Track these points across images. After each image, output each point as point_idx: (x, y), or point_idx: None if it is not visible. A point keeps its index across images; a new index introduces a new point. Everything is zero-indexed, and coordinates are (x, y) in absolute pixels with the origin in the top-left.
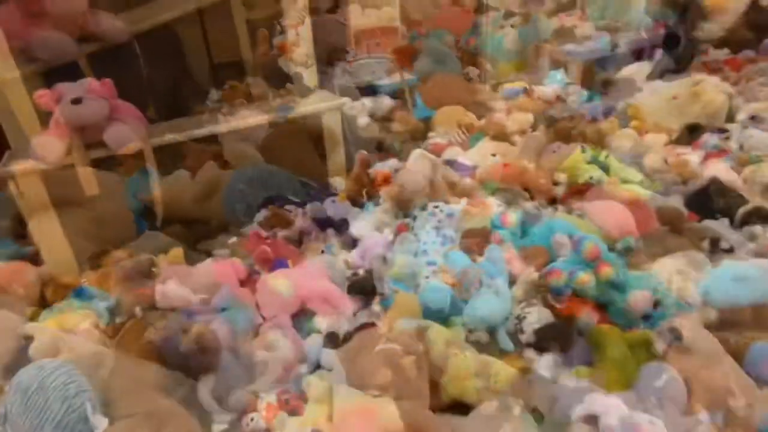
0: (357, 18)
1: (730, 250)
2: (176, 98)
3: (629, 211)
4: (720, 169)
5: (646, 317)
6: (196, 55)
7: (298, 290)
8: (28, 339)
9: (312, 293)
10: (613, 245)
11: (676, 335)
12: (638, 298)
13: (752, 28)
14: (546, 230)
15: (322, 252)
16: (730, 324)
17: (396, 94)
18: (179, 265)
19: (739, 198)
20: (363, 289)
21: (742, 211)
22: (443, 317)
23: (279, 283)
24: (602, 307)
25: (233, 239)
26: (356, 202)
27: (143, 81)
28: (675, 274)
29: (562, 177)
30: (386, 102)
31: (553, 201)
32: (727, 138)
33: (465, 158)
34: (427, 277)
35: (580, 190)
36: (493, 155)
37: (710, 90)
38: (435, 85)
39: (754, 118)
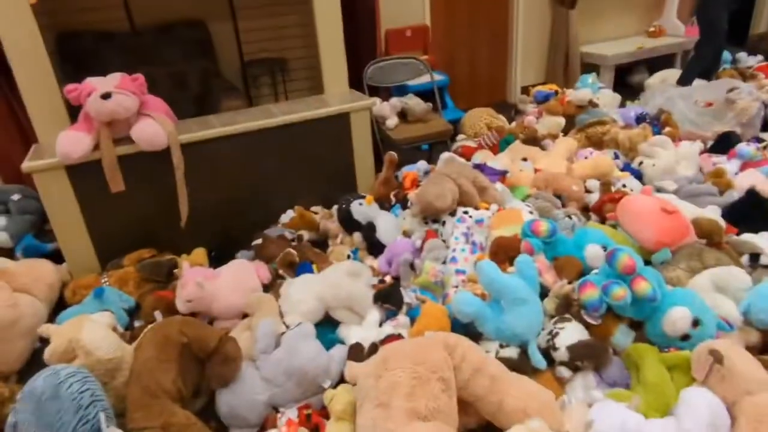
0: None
1: None
2: (205, 94)
3: (665, 222)
4: (757, 180)
5: (685, 337)
6: (226, 51)
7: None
8: (45, 340)
9: (336, 301)
10: (648, 257)
11: (717, 358)
12: (677, 316)
13: None
14: (579, 240)
15: (348, 256)
16: None
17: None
18: (202, 268)
19: None
20: (389, 298)
21: None
22: (473, 330)
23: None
24: (638, 323)
25: (257, 241)
26: (384, 205)
27: None
28: (714, 291)
29: (594, 184)
30: (417, 102)
31: (585, 208)
32: (765, 147)
33: (495, 162)
34: (456, 287)
35: (613, 199)
36: (524, 160)
37: (745, 97)
38: None
39: None
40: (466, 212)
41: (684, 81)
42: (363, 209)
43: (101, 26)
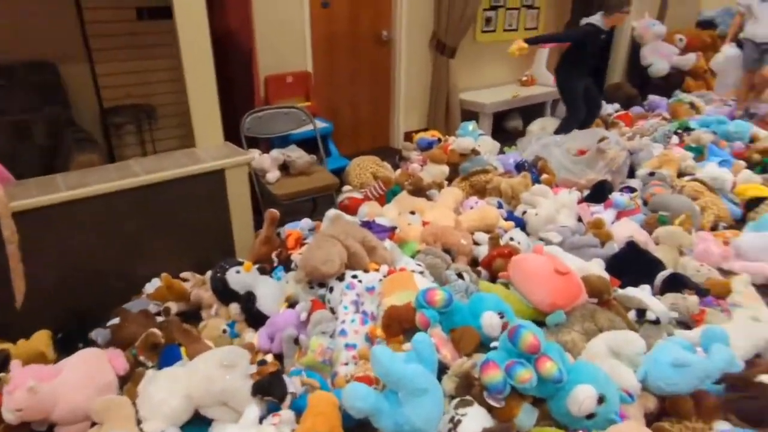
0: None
1: (656, 322)
2: (55, 147)
3: (559, 283)
4: (633, 229)
5: (590, 415)
6: (82, 97)
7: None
8: None
9: (208, 398)
10: (541, 318)
11: None
12: (583, 396)
13: (635, 85)
14: (474, 307)
15: (224, 331)
16: (671, 412)
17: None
18: (37, 365)
19: (657, 263)
20: (270, 389)
21: (660, 277)
22: (366, 422)
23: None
24: (541, 400)
25: (114, 320)
26: (264, 270)
27: None
28: (610, 356)
29: (482, 237)
30: (300, 154)
31: (474, 262)
32: (636, 196)
33: (383, 218)
34: (346, 364)
35: (502, 254)
36: (412, 213)
37: (614, 147)
38: None
39: (653, 174)
40: (355, 276)
41: (561, 133)
42: (240, 277)
43: None
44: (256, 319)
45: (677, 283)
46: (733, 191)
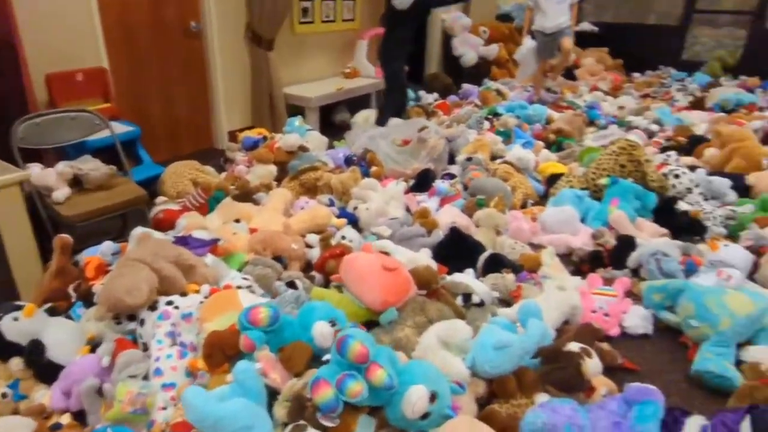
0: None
1: (481, 304)
2: None
3: (388, 280)
4: (455, 215)
5: (425, 415)
6: None
7: None
8: None
9: None
10: (375, 318)
11: None
12: (415, 397)
13: (450, 75)
14: (304, 318)
15: (4, 396)
16: (498, 394)
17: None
18: None
19: (477, 245)
20: None
21: (482, 259)
22: None
23: None
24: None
25: None
26: (57, 309)
27: None
28: (441, 347)
29: (314, 238)
30: (95, 166)
31: (309, 266)
32: (456, 182)
33: (202, 231)
34: (164, 408)
35: (334, 254)
36: (237, 221)
37: (434, 135)
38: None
39: (470, 159)
40: (170, 302)
41: (381, 122)
42: (20, 325)
43: None
44: (47, 372)
45: (497, 262)
46: (536, 170)
